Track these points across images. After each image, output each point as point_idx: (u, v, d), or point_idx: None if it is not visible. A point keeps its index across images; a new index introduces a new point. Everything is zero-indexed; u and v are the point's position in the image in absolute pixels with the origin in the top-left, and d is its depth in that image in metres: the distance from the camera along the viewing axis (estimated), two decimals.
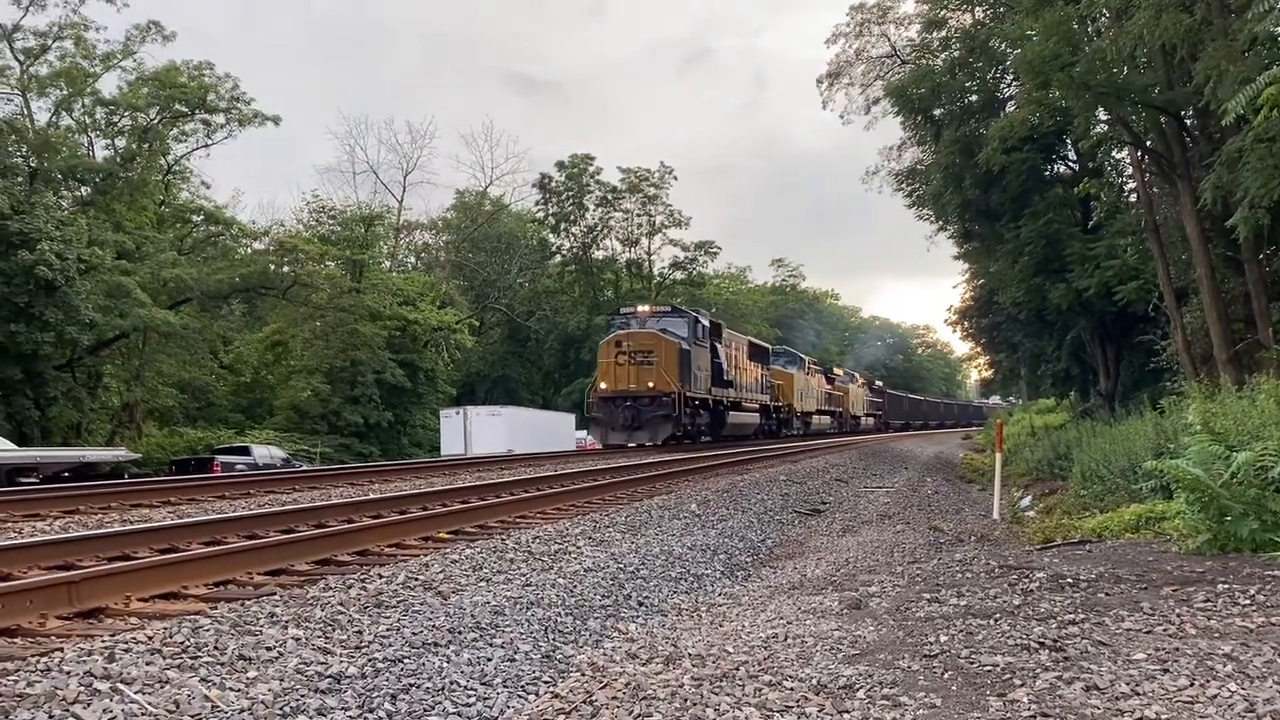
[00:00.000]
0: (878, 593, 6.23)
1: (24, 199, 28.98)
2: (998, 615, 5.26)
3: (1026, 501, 12.89)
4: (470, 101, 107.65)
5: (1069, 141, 22.63)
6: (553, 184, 58.62)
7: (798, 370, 41.81)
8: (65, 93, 36.88)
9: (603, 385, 25.05)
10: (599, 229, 60.73)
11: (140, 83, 37.45)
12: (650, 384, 24.48)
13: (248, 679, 3.86)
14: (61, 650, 4.02)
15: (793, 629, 5.20)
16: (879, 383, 72.07)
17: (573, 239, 60.04)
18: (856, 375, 61.00)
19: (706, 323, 27.96)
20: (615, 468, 16.63)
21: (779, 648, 4.77)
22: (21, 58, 35.98)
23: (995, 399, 74.27)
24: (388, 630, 4.71)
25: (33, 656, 3.95)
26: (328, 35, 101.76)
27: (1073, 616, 5.07)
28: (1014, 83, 22.10)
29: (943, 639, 4.76)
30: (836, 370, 54.65)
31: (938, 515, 11.71)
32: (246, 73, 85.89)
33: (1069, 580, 6.10)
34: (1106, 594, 5.64)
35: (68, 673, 3.71)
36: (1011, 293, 24.93)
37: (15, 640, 4.46)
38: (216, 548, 6.81)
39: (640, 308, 27.07)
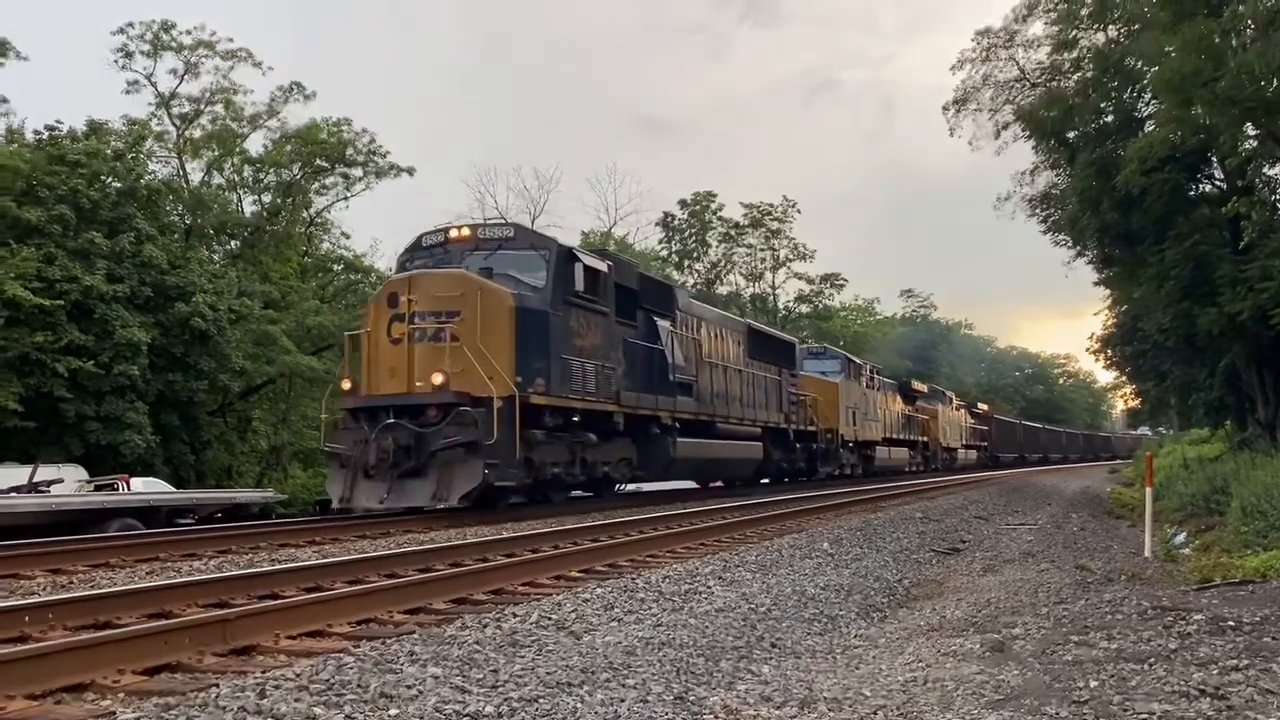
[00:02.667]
0: (1022, 635, 5.99)
1: (180, 254, 30.80)
2: (1152, 660, 4.99)
3: (1181, 538, 12.20)
4: (594, 145, 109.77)
5: (1214, 160, 21.58)
6: (675, 222, 59.06)
7: (843, 378, 30.29)
8: (216, 153, 39.17)
9: (346, 385, 14.00)
10: (722, 265, 60.81)
11: (284, 141, 39.47)
12: (437, 380, 12.99)
13: (390, 716, 3.96)
14: (217, 686, 4.21)
15: (932, 672, 5.04)
16: (983, 405, 59.78)
17: (696, 275, 60.25)
18: (949, 394, 48.42)
19: (602, 267, 15.84)
20: (742, 505, 16.54)
21: (918, 691, 4.63)
22: (178, 123, 38.46)
23: (1144, 429, 69.82)
24: (522, 670, 4.77)
25: (191, 692, 4.15)
26: (459, 85, 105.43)
27: (1236, 662, 4.77)
28: (1152, 101, 21.25)
29: (1093, 684, 4.54)
30: (918, 386, 43.77)
31: (1084, 553, 11.20)
32: (382, 125, 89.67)
33: (1231, 623, 5.76)
34: (1274, 638, 5.29)
35: (223, 708, 3.88)
36: (1157, 319, 23.80)
37: (176, 675, 4.69)
38: (358, 587, 7.04)
39: (456, 230, 15.36)
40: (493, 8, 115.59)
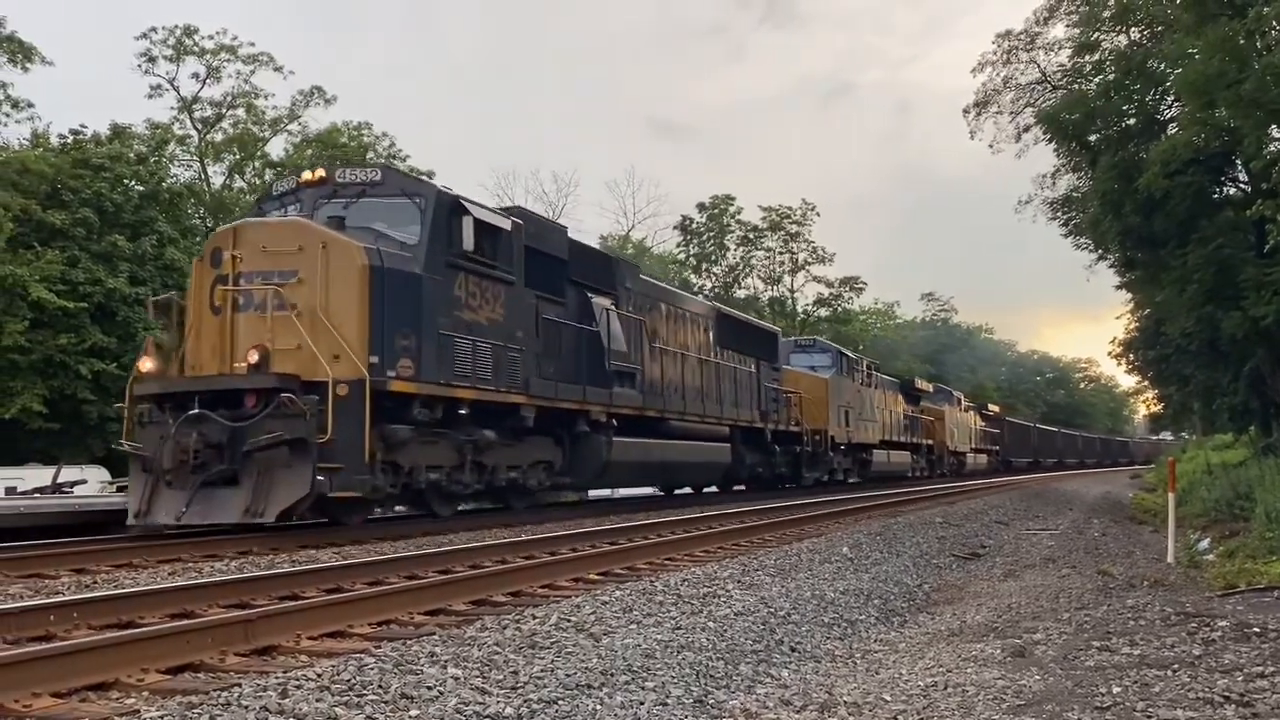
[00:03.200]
0: (1043, 640, 5.95)
1: None
2: (1176, 666, 4.95)
3: (1204, 545, 12.10)
4: (612, 148, 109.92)
5: (1238, 162, 21.41)
6: (693, 225, 59.02)
7: (835, 374, 27.43)
8: (238, 157, 39.51)
9: (145, 365, 11.18)
10: (740, 268, 60.73)
11: (305, 144, 39.76)
12: (253, 358, 10.56)
13: (410, 717, 3.98)
14: (239, 685, 4.24)
15: (953, 677, 5.02)
16: (993, 407, 55.79)
17: (714, 279, 60.21)
18: (957, 395, 45.19)
19: (503, 224, 13.04)
20: (762, 509, 16.52)
21: (938, 696, 4.62)
22: (199, 127, 38.79)
23: (1166, 434, 69.05)
24: (542, 671, 4.78)
25: (214, 691, 4.17)
26: (476, 87, 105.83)
27: (1261, 669, 4.73)
28: (1175, 104, 21.11)
29: (1115, 690, 4.51)
30: (921, 384, 40.65)
31: (1106, 559, 11.13)
32: (400, 128, 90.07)
33: (1256, 629, 5.71)
34: None
35: (245, 707, 3.90)
36: (1180, 323, 23.62)
37: (199, 675, 4.72)
38: (379, 588, 7.07)
39: (310, 173, 12.48)
40: (509, 10, 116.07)
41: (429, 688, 4.35)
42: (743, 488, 24.21)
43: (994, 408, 55.56)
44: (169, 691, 4.33)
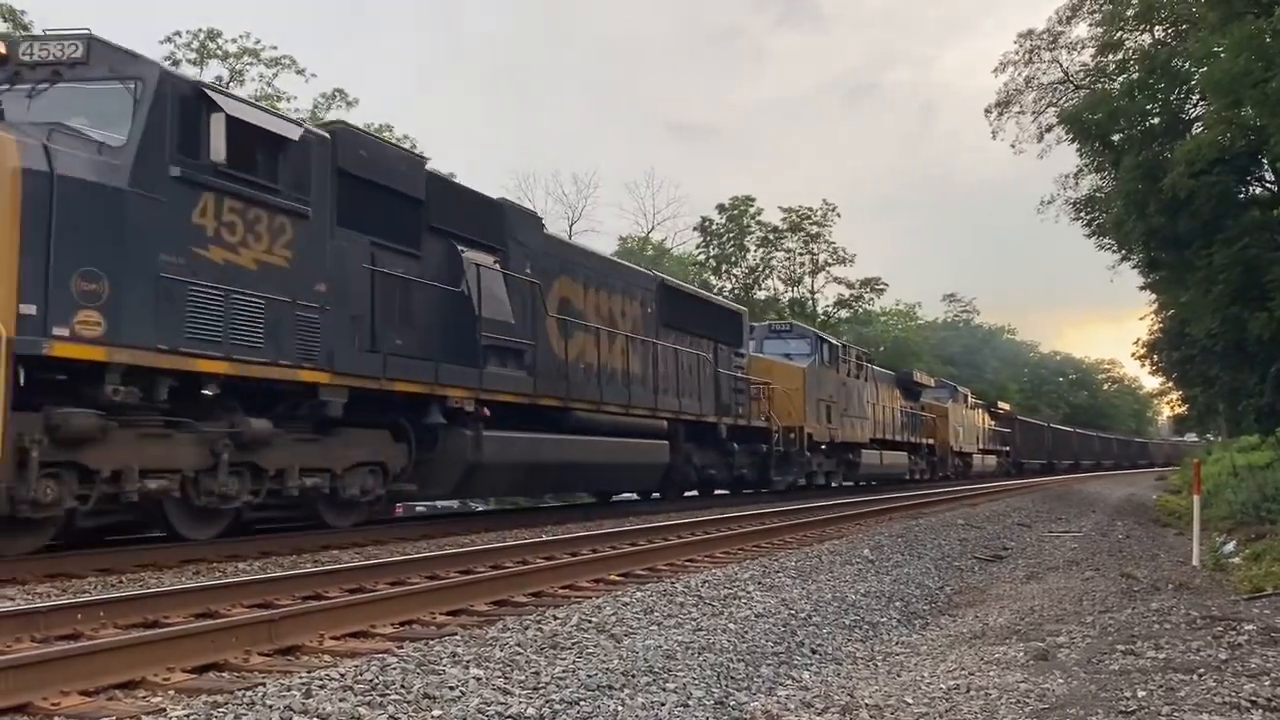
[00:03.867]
0: (1066, 643, 5.92)
1: None
2: (1202, 670, 4.91)
3: (1230, 547, 11.99)
4: (631, 149, 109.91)
5: (1265, 162, 21.20)
6: (713, 226, 58.98)
7: (813, 362, 24.10)
8: None
9: None
10: (760, 269, 60.64)
11: None
12: None
13: (433, 717, 4.00)
14: (264, 685, 4.27)
15: (975, 680, 5.00)
16: (1003, 405, 51.90)
17: (734, 280, 60.16)
18: (963, 391, 41.57)
19: (287, 131, 10.03)
20: (782, 511, 16.49)
21: (960, 699, 4.59)
22: None
23: (1191, 435, 68.09)
24: (563, 672, 4.79)
25: (239, 690, 4.21)
26: (495, 89, 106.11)
27: None
28: (1200, 103, 20.94)
29: (1140, 694, 4.48)
30: (921, 378, 36.57)
31: (1130, 561, 11.04)
32: (420, 129, 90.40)
33: None
34: None
35: (270, 706, 3.93)
36: (1205, 323, 23.39)
37: (223, 674, 4.76)
38: (401, 588, 7.11)
39: None
40: (527, 12, 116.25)
41: (451, 688, 4.37)
42: (695, 493, 21.24)
43: (1004, 405, 52.21)
44: (194, 691, 4.37)
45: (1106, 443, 78.82)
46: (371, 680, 4.39)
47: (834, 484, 26.81)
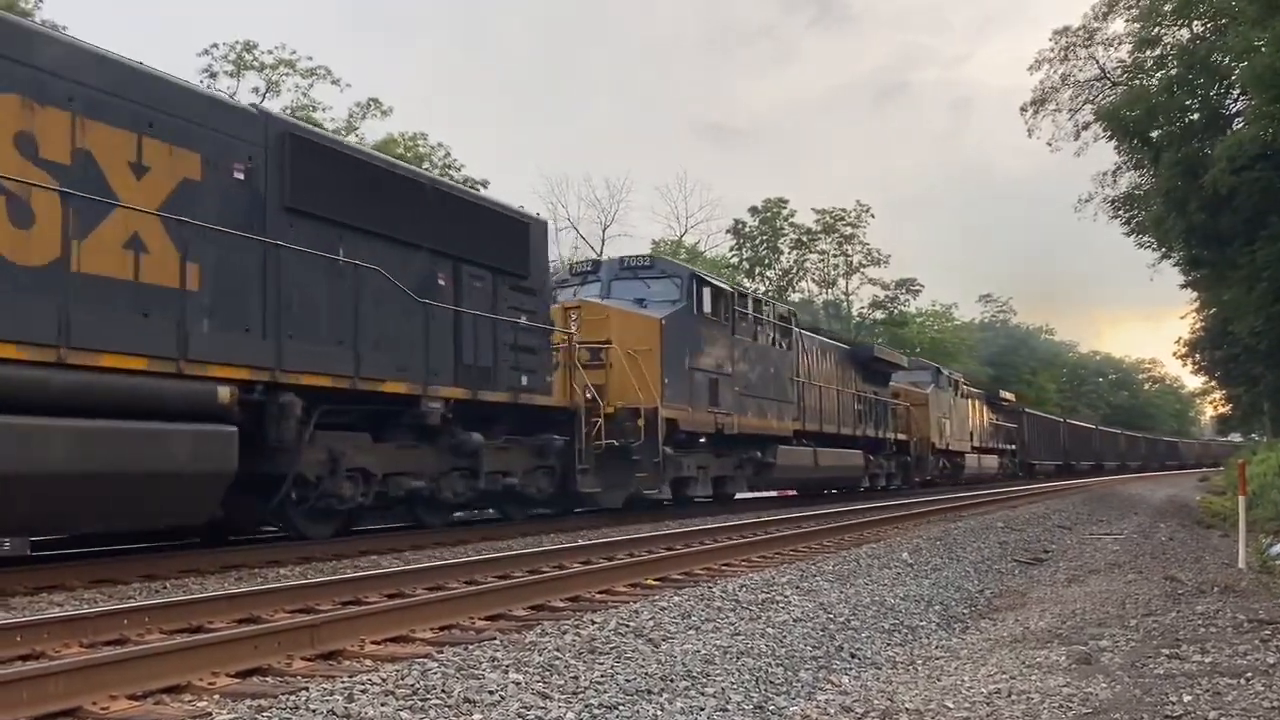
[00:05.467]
0: (1109, 647, 5.85)
1: None
2: (1249, 674, 4.84)
3: (1277, 549, 11.79)
4: (664, 152, 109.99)
5: None
6: (746, 229, 58.89)
7: (675, 311, 16.92)
8: None
9: None
10: (794, 271, 60.46)
11: None
12: None
13: None
14: (307, 689, 4.32)
15: (1016, 684, 4.95)
16: (1007, 395, 44.77)
17: (768, 282, 60.03)
18: (952, 376, 35.19)
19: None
20: (819, 514, 16.44)
21: (1002, 704, 4.56)
22: None
23: (1235, 436, 66.55)
24: (602, 677, 4.80)
25: (282, 695, 4.26)
26: (526, 94, 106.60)
27: None
28: (1241, 98, 20.64)
29: (1186, 699, 4.42)
30: (891, 355, 29.92)
31: (1174, 564, 10.89)
32: (452, 135, 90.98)
33: None
34: None
35: (313, 710, 3.98)
36: (1248, 321, 23.07)
37: (267, 679, 4.82)
38: (440, 593, 7.15)
39: None
40: (557, 16, 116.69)
41: (491, 692, 4.39)
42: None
43: (1008, 396, 45.07)
44: (239, 695, 4.43)
45: (1133, 442, 72.90)
46: (412, 685, 4.42)
47: (733, 494, 19.73)
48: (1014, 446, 42.33)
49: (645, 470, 15.42)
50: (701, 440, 17.56)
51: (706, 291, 17.85)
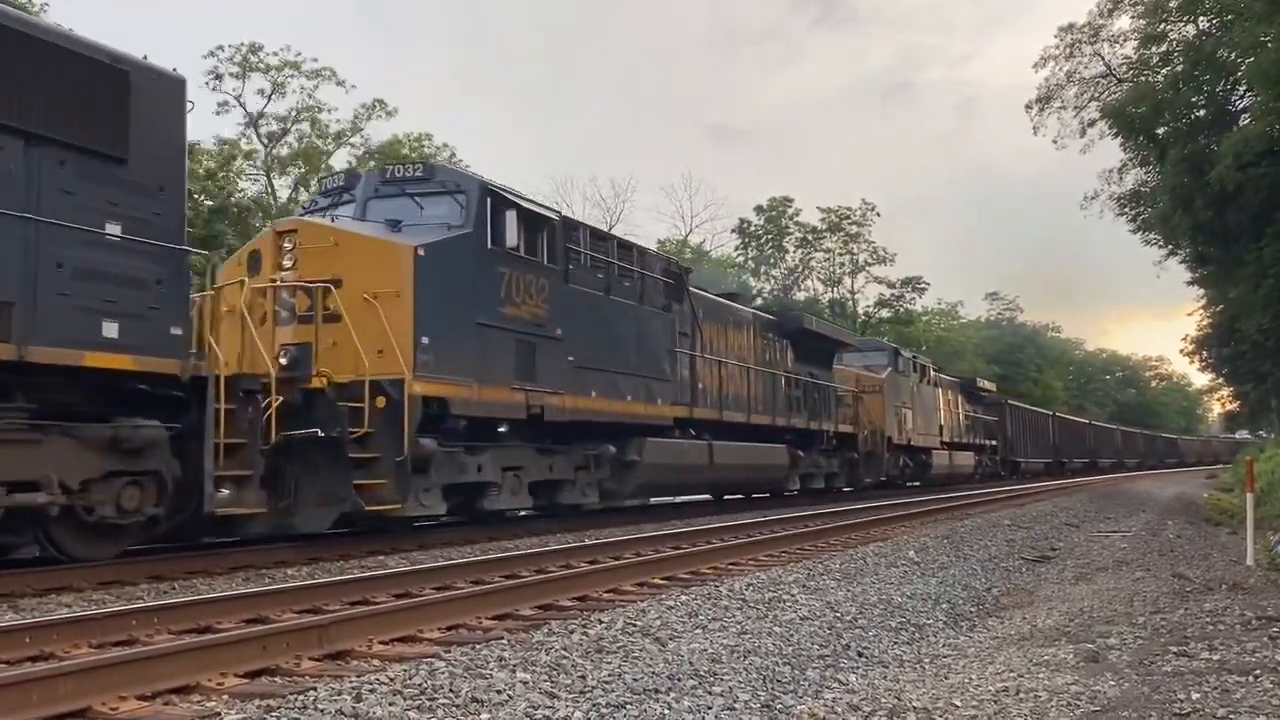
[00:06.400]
0: (1117, 645, 5.84)
1: None
2: (1258, 672, 4.83)
3: None
4: (669, 152, 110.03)
5: None
6: (751, 228, 58.89)
7: (450, 241, 11.62)
8: (303, 170, 40.28)
9: None
10: (800, 270, 60.43)
11: (367, 156, 40.42)
12: None
13: None
14: (315, 689, 4.33)
15: (1024, 682, 4.95)
16: (986, 384, 41.16)
17: (773, 281, 60.01)
18: (919, 360, 30.93)
19: None
20: (826, 513, 16.42)
21: (1010, 702, 4.55)
22: (265, 141, 39.65)
23: (1243, 433, 66.07)
24: (609, 676, 4.81)
25: (290, 694, 4.28)
26: (531, 94, 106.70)
27: None
28: (1247, 94, 20.58)
29: (1194, 697, 4.41)
30: (837, 333, 26.27)
31: (1182, 561, 10.86)
32: (457, 135, 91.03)
33: None
34: None
35: (321, 710, 3.99)
36: (1256, 319, 22.99)
37: (275, 679, 4.84)
38: (447, 593, 7.16)
39: None
40: (562, 17, 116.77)
41: (498, 692, 4.40)
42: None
43: (988, 385, 41.26)
44: (248, 695, 4.44)
45: (1131, 438, 69.45)
46: (420, 684, 4.43)
47: (573, 505, 14.15)
48: (994, 442, 38.49)
49: (382, 474, 10.34)
50: (503, 430, 12.53)
51: (510, 216, 12.21)
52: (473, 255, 12.01)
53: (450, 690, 4.38)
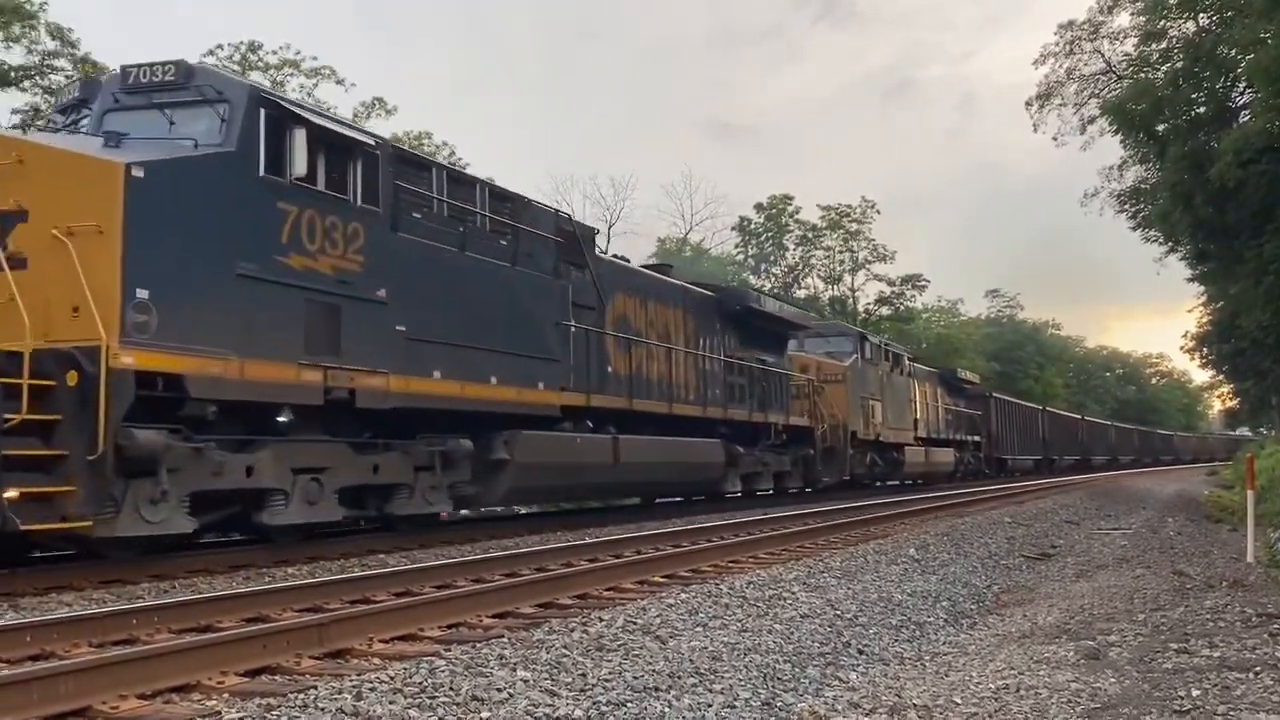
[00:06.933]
0: (1118, 642, 5.84)
1: None
2: (1258, 668, 4.83)
3: None
4: (669, 151, 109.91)
5: None
6: (752, 226, 58.87)
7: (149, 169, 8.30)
8: None
9: None
10: (800, 268, 60.42)
11: None
12: None
13: (481, 719, 4.03)
14: (315, 688, 4.34)
15: (1025, 679, 4.95)
16: (970, 376, 37.88)
17: (773, 279, 59.96)
18: (887, 346, 28.35)
19: None
20: (826, 511, 16.44)
21: (1010, 699, 4.55)
22: None
23: (1244, 430, 65.94)
24: (609, 674, 4.81)
25: (291, 693, 4.28)
26: (532, 92, 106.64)
27: None
28: (1247, 90, 20.56)
29: (1194, 693, 4.42)
30: (789, 314, 22.30)
31: (1182, 558, 10.87)
32: (457, 134, 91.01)
33: None
34: None
35: (322, 709, 3.99)
36: (1256, 315, 22.96)
37: (276, 677, 4.84)
38: (447, 591, 7.17)
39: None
40: (562, 15, 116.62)
41: (499, 690, 4.40)
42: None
43: (971, 377, 38.04)
44: (248, 693, 4.45)
45: (1125, 434, 67.26)
46: (420, 682, 4.44)
47: (406, 515, 11.38)
48: (977, 438, 36.13)
49: (71, 479, 7.65)
50: (286, 419, 9.76)
51: (298, 136, 9.60)
52: (232, 183, 9.10)
53: (451, 688, 4.38)
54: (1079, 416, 57.51)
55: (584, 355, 13.92)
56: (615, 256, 17.04)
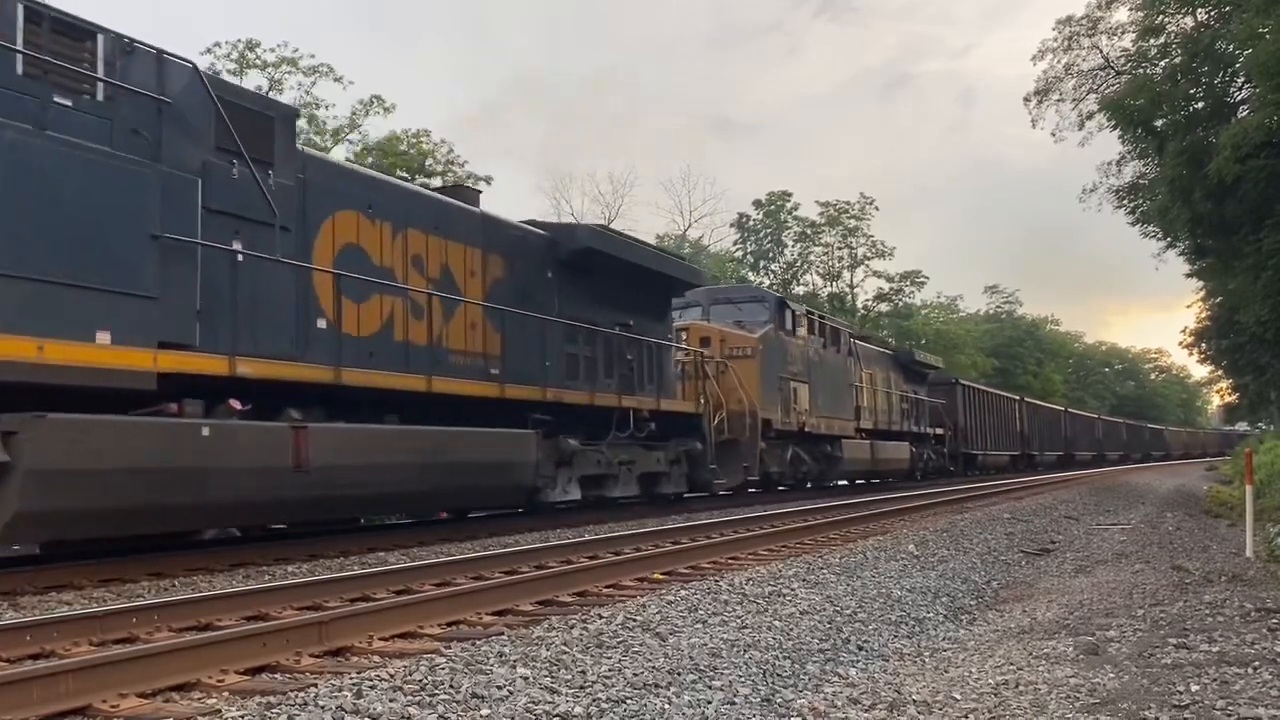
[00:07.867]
0: (1117, 637, 5.85)
1: None
2: (1257, 663, 4.84)
3: None
4: (668, 147, 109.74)
5: None
6: (750, 222, 58.87)
7: None
8: None
9: None
10: (798, 264, 60.43)
11: (365, 152, 40.37)
12: None
13: (481, 716, 4.04)
14: (315, 686, 4.34)
15: (1024, 675, 4.96)
16: (931, 360, 33.40)
17: (772, 276, 59.99)
18: (831, 325, 24.32)
19: None
20: (826, 507, 16.45)
21: (1010, 695, 4.56)
22: None
23: (1242, 425, 65.84)
24: (609, 671, 4.81)
25: (291, 691, 4.28)
26: (530, 89, 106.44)
27: None
28: (1246, 86, 20.56)
29: (1194, 688, 4.42)
30: (661, 264, 16.52)
31: (1181, 553, 10.88)
32: (455, 131, 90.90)
33: None
34: None
35: (322, 707, 3.99)
36: (1254, 311, 22.97)
37: (276, 675, 4.84)
38: (447, 589, 7.17)
39: None
40: (562, 11, 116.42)
41: (499, 687, 4.41)
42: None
43: (932, 360, 33.59)
44: (248, 692, 4.45)
45: (1112, 428, 64.03)
46: (420, 680, 4.44)
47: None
48: (939, 430, 31.85)
49: None
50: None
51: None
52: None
53: (450, 686, 4.38)
54: (1062, 408, 53.30)
55: (241, 294, 9.19)
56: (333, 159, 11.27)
